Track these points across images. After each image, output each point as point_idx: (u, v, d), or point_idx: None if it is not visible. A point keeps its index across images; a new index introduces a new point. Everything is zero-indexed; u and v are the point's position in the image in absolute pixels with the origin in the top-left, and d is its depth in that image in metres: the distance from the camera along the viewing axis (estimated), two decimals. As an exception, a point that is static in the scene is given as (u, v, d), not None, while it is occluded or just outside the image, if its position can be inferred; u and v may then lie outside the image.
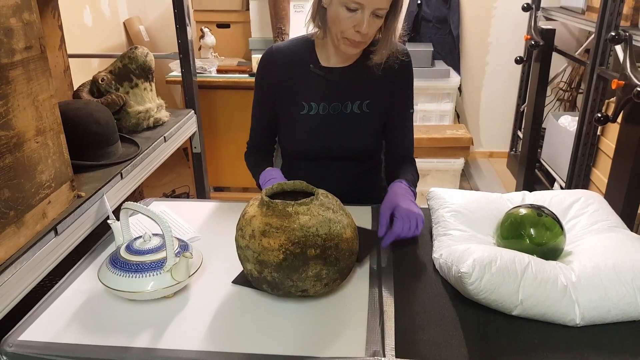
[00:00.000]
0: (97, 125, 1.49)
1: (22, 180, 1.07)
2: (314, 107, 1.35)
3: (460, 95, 3.84)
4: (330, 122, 1.36)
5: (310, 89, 1.35)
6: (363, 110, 1.36)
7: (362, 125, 1.37)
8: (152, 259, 1.01)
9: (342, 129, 1.37)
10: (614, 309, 0.93)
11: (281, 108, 1.38)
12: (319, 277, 0.95)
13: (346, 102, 1.35)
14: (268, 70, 1.36)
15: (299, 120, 1.36)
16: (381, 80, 1.34)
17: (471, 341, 0.91)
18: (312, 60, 1.34)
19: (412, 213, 1.17)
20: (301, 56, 1.35)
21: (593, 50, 2.40)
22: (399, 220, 1.16)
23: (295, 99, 1.35)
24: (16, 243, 1.06)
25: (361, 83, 1.35)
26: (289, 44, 1.37)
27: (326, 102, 1.35)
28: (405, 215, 1.17)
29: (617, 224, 1.14)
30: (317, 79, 1.34)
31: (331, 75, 1.34)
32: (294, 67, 1.34)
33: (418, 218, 1.17)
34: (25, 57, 1.08)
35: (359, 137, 1.39)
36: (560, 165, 2.94)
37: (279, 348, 0.90)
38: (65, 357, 0.89)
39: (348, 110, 1.36)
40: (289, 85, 1.35)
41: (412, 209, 1.18)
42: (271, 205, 0.97)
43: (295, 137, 1.40)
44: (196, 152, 2.27)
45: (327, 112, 1.36)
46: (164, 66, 3.22)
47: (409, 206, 1.19)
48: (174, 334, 0.93)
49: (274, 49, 1.36)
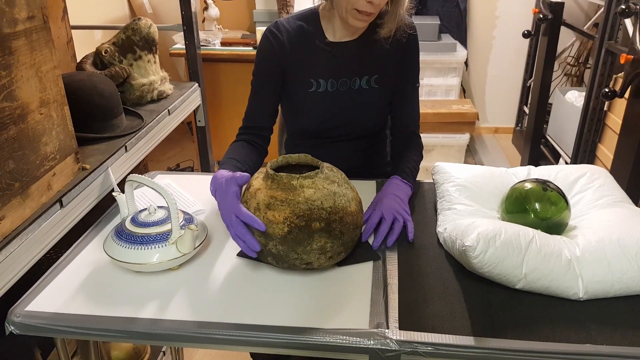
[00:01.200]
0: (100, 98, 1.48)
1: (27, 152, 1.07)
2: (322, 84, 1.32)
3: (466, 70, 3.80)
4: (339, 99, 1.33)
5: (318, 65, 1.31)
6: (372, 85, 1.33)
7: (371, 101, 1.35)
8: (158, 231, 1.02)
9: (351, 106, 1.34)
10: (618, 283, 0.93)
11: (288, 85, 1.34)
12: (323, 250, 0.96)
13: (354, 77, 1.33)
14: (273, 47, 1.30)
15: (307, 97, 1.33)
16: (388, 54, 1.32)
17: (474, 314, 0.92)
18: (318, 35, 1.31)
19: (398, 215, 1.14)
20: (307, 31, 1.31)
21: (602, 24, 2.36)
22: (384, 222, 1.12)
23: (302, 76, 1.32)
24: (22, 214, 1.07)
25: (369, 57, 1.32)
26: (293, 19, 1.33)
27: (334, 78, 1.32)
28: (391, 215, 1.13)
29: (623, 199, 1.13)
30: (324, 54, 1.31)
31: (338, 51, 1.31)
32: (300, 42, 1.30)
33: (404, 216, 1.14)
34: (28, 27, 1.07)
35: (369, 114, 1.37)
36: (565, 141, 2.92)
37: (283, 320, 0.90)
38: (71, 328, 0.90)
39: (356, 86, 1.33)
40: (296, 62, 1.31)
41: (398, 207, 1.15)
42: (276, 178, 0.97)
43: (303, 116, 1.37)
44: (200, 126, 2.27)
45: (335, 89, 1.33)
46: (168, 39, 3.19)
47: (395, 207, 1.15)
48: (179, 306, 0.94)
49: (279, 24, 1.31)
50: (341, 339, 0.86)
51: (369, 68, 1.33)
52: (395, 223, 1.12)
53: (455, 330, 0.88)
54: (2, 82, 1.00)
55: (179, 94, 1.94)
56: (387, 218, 1.12)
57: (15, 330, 0.91)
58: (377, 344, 0.85)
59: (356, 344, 0.86)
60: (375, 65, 1.33)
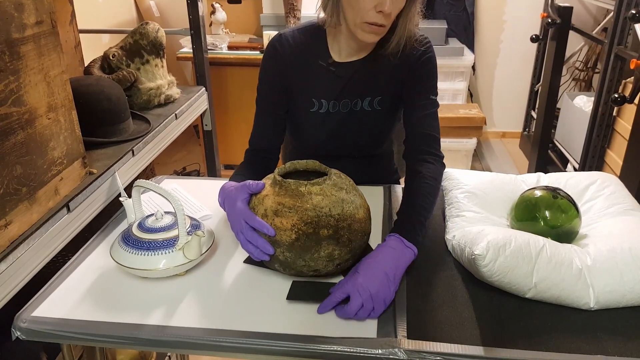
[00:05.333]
0: (108, 102, 1.48)
1: (34, 157, 1.07)
2: (324, 105, 1.27)
3: (473, 74, 3.78)
4: (340, 120, 1.29)
5: (321, 84, 1.26)
6: (374, 107, 1.28)
7: (372, 123, 1.30)
8: (164, 237, 1.01)
9: (352, 128, 1.30)
10: (630, 293, 0.92)
11: (290, 103, 1.30)
12: (331, 257, 0.95)
13: (356, 99, 1.27)
14: (276, 62, 1.24)
15: (308, 117, 1.29)
16: (396, 73, 1.24)
17: (483, 323, 0.90)
18: (323, 54, 1.25)
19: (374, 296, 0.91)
20: (311, 48, 1.25)
21: (611, 28, 2.34)
22: (351, 303, 0.91)
23: (305, 94, 1.27)
24: (29, 219, 1.06)
25: (374, 77, 1.25)
26: (298, 34, 1.26)
27: (336, 99, 1.26)
28: (359, 298, 0.90)
29: (634, 207, 1.12)
30: (328, 74, 1.25)
31: (343, 72, 1.24)
32: (304, 60, 1.25)
33: (377, 304, 0.91)
34: (36, 32, 1.07)
35: (369, 136, 1.33)
36: (574, 147, 2.90)
37: (290, 328, 0.90)
38: (77, 334, 0.90)
39: (358, 108, 1.28)
40: (298, 80, 1.26)
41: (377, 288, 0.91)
42: (284, 184, 0.96)
43: (302, 135, 1.35)
44: (207, 130, 2.27)
45: (337, 110, 1.28)
46: (175, 42, 3.20)
47: (375, 286, 0.92)
48: (186, 312, 0.94)
49: (282, 38, 1.25)
50: (349, 348, 0.85)
51: (373, 89, 1.26)
52: (360, 310, 0.91)
53: (464, 340, 0.87)
54: (11, 87, 0.99)
55: (186, 98, 1.94)
56: (353, 303, 0.90)
57: (22, 335, 0.91)
58: (385, 353, 0.84)
59: (364, 353, 0.85)
60: (379, 86, 1.26)
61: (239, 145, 3.08)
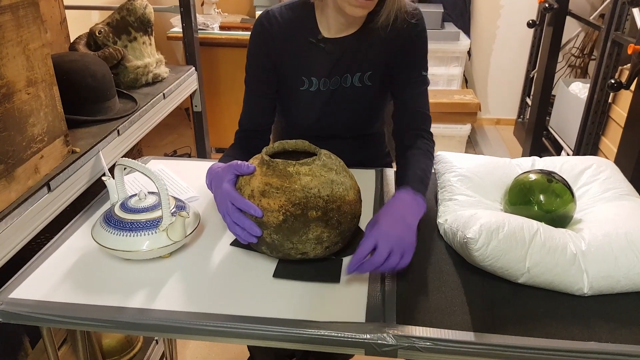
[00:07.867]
0: (92, 79, 1.44)
1: (13, 133, 1.03)
2: (315, 83, 1.23)
3: (469, 59, 3.75)
4: (330, 98, 1.25)
5: (311, 62, 1.22)
6: (364, 83, 1.24)
7: (362, 100, 1.26)
8: (147, 218, 0.98)
9: (342, 105, 1.27)
10: (624, 279, 0.90)
11: (279, 82, 1.26)
12: (319, 240, 0.92)
13: (345, 74, 1.23)
14: (265, 39, 1.21)
15: (298, 96, 1.26)
16: (386, 47, 1.21)
17: (475, 309, 0.88)
18: (312, 30, 1.20)
19: (400, 241, 0.92)
20: (300, 24, 1.21)
21: (609, 13, 2.31)
22: (379, 250, 0.90)
23: (294, 72, 1.23)
24: (7, 198, 1.03)
25: (363, 52, 1.21)
26: (286, 10, 1.22)
27: (327, 77, 1.23)
28: (388, 243, 0.90)
29: (630, 192, 1.10)
30: (318, 51, 1.21)
31: (332, 48, 1.21)
32: (292, 37, 1.21)
33: (406, 248, 0.92)
34: (14, 1, 1.02)
35: (360, 114, 1.30)
36: (568, 133, 2.88)
37: (277, 312, 0.87)
38: (57, 316, 0.87)
39: (348, 84, 1.24)
40: (287, 58, 1.22)
41: (402, 233, 0.93)
42: (271, 164, 0.93)
43: (293, 114, 1.31)
44: (197, 111, 2.22)
45: (327, 88, 1.24)
46: (166, 22, 3.14)
47: (399, 231, 0.93)
48: (170, 295, 0.91)
49: (270, 14, 1.21)
50: (337, 333, 0.83)
51: (363, 64, 1.23)
52: (390, 257, 0.90)
53: (454, 325, 0.85)
54: (-13, 60, 0.95)
55: (175, 78, 1.89)
56: (382, 249, 0.90)
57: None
58: (373, 338, 0.82)
59: (352, 337, 0.83)
60: (370, 61, 1.22)
61: (230, 128, 3.01)
